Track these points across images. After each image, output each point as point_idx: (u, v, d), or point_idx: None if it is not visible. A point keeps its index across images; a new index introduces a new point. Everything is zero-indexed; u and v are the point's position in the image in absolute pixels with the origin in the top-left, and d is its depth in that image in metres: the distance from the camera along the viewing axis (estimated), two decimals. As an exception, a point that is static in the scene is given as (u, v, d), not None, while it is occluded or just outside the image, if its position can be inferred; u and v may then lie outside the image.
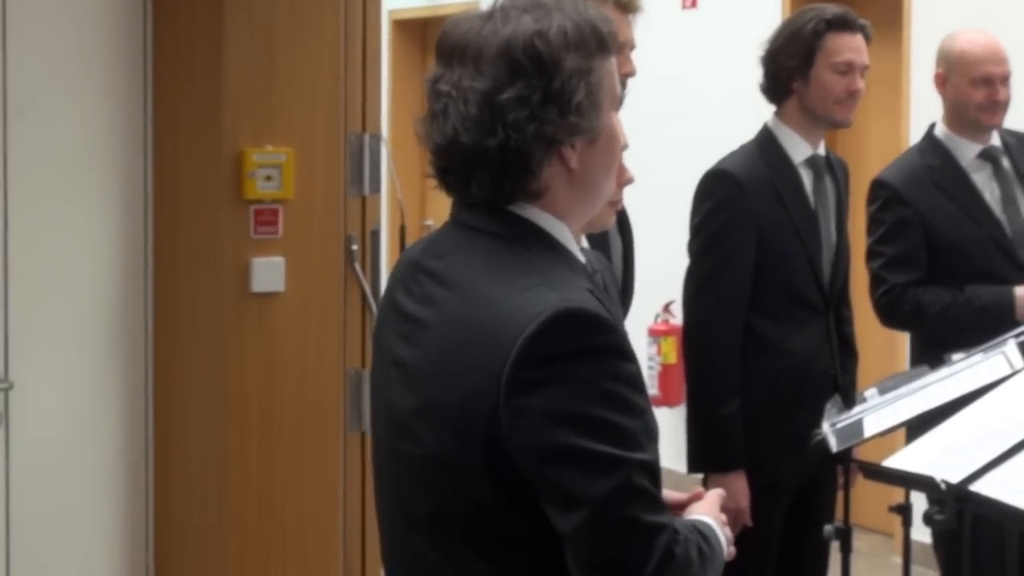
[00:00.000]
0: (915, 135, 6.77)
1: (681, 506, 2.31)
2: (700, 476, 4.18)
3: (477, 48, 2.12)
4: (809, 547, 4.13)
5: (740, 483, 4.05)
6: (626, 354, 2.06)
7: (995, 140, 4.52)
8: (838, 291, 4.24)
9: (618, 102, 2.20)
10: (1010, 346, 3.63)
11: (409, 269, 2.24)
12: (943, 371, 3.73)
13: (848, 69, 4.10)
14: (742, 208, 4.07)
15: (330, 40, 4.02)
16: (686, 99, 8.02)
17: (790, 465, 4.10)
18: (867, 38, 4.16)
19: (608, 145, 2.19)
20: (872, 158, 7.33)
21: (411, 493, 2.19)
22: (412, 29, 9.06)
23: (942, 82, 4.50)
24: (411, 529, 2.21)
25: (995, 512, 3.12)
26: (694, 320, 4.16)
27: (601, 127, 2.16)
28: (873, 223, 4.49)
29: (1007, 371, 3.52)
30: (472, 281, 2.12)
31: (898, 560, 5.32)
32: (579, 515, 2.01)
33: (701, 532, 2.17)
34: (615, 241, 3.79)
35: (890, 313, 4.45)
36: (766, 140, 4.17)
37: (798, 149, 4.15)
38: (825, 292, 4.18)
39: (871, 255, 4.48)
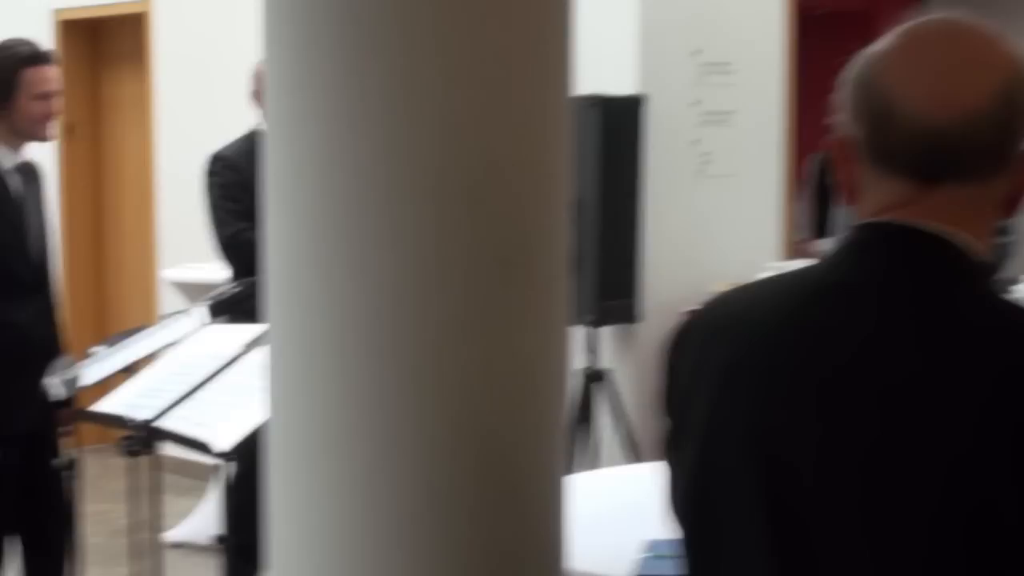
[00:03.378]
0: (162, 142, 7.54)
1: None
2: None
3: None
4: (45, 478, 4.51)
5: None
6: None
7: None
8: (47, 272, 4.66)
9: None
10: (199, 307, 4.16)
11: None
12: (151, 328, 4.22)
13: (45, 96, 4.51)
14: None
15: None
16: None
17: (21, 417, 4.47)
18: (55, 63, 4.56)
19: None
20: (129, 160, 7.93)
21: None
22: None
23: (258, 97, 4.81)
24: None
25: (178, 441, 3.49)
26: None
27: None
28: (215, 187, 4.87)
29: (196, 326, 4.02)
30: None
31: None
32: None
33: None
34: None
35: (239, 250, 4.70)
36: None
37: (7, 159, 4.56)
38: (37, 274, 4.60)
39: (220, 209, 4.82)
